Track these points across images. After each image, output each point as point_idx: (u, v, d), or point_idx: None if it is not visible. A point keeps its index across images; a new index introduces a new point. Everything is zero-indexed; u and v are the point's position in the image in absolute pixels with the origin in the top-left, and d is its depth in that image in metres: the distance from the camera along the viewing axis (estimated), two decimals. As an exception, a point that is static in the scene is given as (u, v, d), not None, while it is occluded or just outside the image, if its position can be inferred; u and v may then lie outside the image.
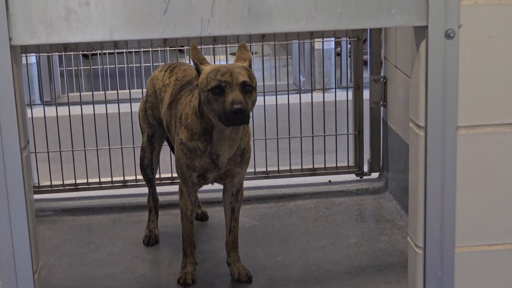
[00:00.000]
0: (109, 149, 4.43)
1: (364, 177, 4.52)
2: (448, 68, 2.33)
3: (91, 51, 4.52)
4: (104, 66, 5.16)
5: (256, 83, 3.16)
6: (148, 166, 3.83)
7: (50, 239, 3.94)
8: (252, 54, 6.30)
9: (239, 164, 3.32)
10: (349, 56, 4.77)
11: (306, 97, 4.69)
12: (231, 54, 5.95)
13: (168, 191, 4.29)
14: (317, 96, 4.75)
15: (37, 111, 4.62)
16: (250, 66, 3.20)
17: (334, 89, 4.68)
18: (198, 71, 3.19)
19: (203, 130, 3.23)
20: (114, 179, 4.40)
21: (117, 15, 2.21)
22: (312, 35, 4.46)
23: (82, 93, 4.45)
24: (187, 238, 3.47)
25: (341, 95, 4.57)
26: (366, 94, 4.42)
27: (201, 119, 3.22)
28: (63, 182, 4.38)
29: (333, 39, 5.09)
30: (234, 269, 3.48)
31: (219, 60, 5.03)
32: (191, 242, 3.47)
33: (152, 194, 3.90)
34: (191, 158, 3.29)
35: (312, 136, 4.50)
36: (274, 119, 4.43)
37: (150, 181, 3.88)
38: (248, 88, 3.09)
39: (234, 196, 3.45)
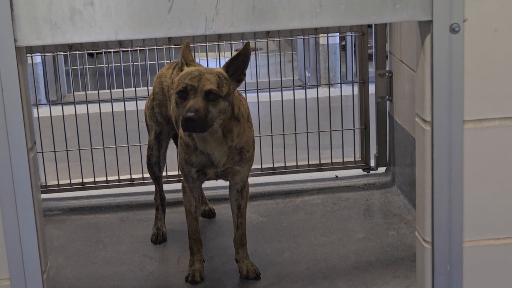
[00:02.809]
0: (116, 147, 4.43)
1: (371, 172, 4.52)
2: (453, 62, 2.32)
3: (96, 50, 4.52)
4: (110, 65, 5.15)
5: (229, 91, 3.11)
6: (155, 164, 3.84)
7: (58, 239, 3.94)
8: (257, 50, 6.29)
9: (238, 162, 3.32)
10: (354, 51, 4.77)
11: (311, 93, 4.69)
12: (235, 50, 5.95)
13: (175, 188, 4.30)
14: (323, 92, 4.75)
15: (43, 111, 4.63)
16: (227, 68, 3.14)
17: (339, 84, 4.67)
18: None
19: None
20: (121, 177, 4.41)
21: (121, 15, 2.21)
22: (316, 30, 4.45)
23: (87, 92, 4.45)
24: (193, 235, 3.47)
25: (347, 90, 4.57)
26: (371, 88, 4.41)
27: None
28: (70, 181, 4.39)
29: (338, 34, 5.08)
30: (242, 265, 3.48)
31: (224, 57, 5.03)
32: (197, 239, 3.47)
33: (159, 192, 3.91)
34: (188, 153, 3.30)
35: (319, 132, 4.50)
36: (280, 115, 4.44)
37: (157, 179, 3.89)
38: (213, 97, 3.08)
39: (239, 193, 3.45)
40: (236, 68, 3.15)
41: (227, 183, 3.49)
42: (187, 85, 3.07)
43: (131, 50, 4.50)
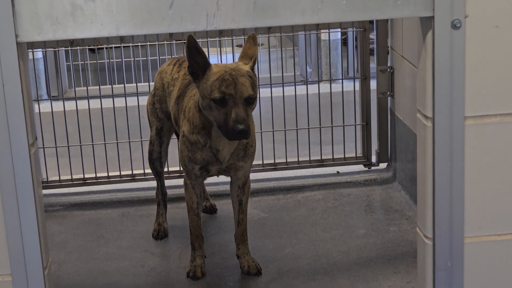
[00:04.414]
0: (117, 143, 4.44)
1: (372, 168, 4.52)
2: (454, 58, 2.32)
3: (98, 45, 4.52)
4: (111, 60, 5.16)
5: (258, 89, 3.17)
6: (157, 160, 3.84)
7: (60, 234, 3.95)
8: (258, 46, 6.27)
9: (242, 158, 3.33)
10: (356, 47, 4.77)
11: (313, 88, 4.69)
12: (237, 46, 5.95)
13: (176, 184, 4.30)
14: (324, 87, 4.74)
15: (44, 106, 4.62)
16: (254, 64, 3.19)
17: (341, 80, 4.67)
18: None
19: (201, 125, 3.24)
20: (122, 173, 4.41)
21: (122, 10, 2.21)
22: (318, 26, 4.45)
23: (89, 88, 4.45)
24: (194, 231, 3.47)
25: (348, 85, 4.57)
26: (373, 84, 4.41)
27: (201, 113, 3.23)
28: (71, 176, 4.39)
29: (339, 30, 5.07)
30: (243, 261, 3.49)
31: (225, 52, 5.03)
32: (198, 235, 3.47)
33: (161, 188, 3.91)
34: (192, 151, 3.30)
35: (320, 127, 4.50)
36: (281, 110, 4.43)
37: (158, 175, 3.89)
38: (251, 101, 3.12)
39: (240, 189, 3.45)
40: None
41: (228, 179, 3.50)
42: (225, 94, 3.08)
43: (132, 46, 4.50)
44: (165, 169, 4.11)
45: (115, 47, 4.81)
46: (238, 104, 3.08)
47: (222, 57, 4.58)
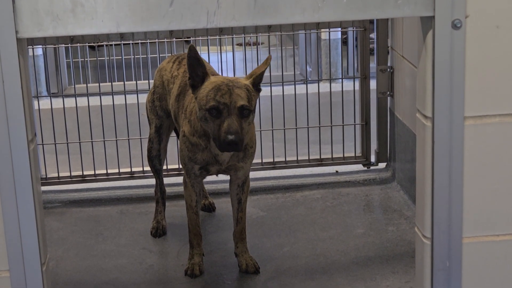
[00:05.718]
0: (116, 140, 4.43)
1: (371, 167, 4.52)
2: (455, 58, 2.32)
3: (98, 42, 4.52)
4: (111, 58, 5.16)
5: (256, 104, 3.14)
6: (156, 157, 3.84)
7: (58, 231, 3.95)
8: (258, 44, 6.28)
9: (242, 159, 3.33)
10: (356, 46, 4.77)
11: (313, 88, 4.69)
12: (237, 44, 5.95)
13: (175, 182, 4.30)
14: (324, 87, 4.75)
15: (44, 103, 4.62)
16: (254, 80, 3.16)
17: (341, 79, 4.67)
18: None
19: (203, 132, 3.24)
20: (121, 170, 4.41)
21: (123, 7, 2.21)
22: (318, 25, 4.45)
23: (88, 85, 4.45)
24: (193, 229, 3.47)
25: (348, 85, 4.57)
26: (373, 84, 4.41)
27: None
28: (70, 173, 4.39)
29: (339, 29, 5.07)
30: (241, 260, 3.49)
31: (226, 51, 5.02)
32: (197, 233, 3.47)
33: (160, 185, 3.91)
34: (193, 151, 3.30)
35: (319, 127, 4.50)
36: (281, 109, 4.43)
37: (157, 172, 3.89)
38: (246, 113, 3.09)
39: (240, 187, 3.45)
40: (258, 79, 3.17)
41: (227, 177, 3.49)
42: (219, 103, 3.06)
43: (132, 43, 4.50)
44: (164, 167, 4.11)
45: (115, 44, 4.81)
46: (231, 114, 3.05)
47: (222, 56, 4.58)
